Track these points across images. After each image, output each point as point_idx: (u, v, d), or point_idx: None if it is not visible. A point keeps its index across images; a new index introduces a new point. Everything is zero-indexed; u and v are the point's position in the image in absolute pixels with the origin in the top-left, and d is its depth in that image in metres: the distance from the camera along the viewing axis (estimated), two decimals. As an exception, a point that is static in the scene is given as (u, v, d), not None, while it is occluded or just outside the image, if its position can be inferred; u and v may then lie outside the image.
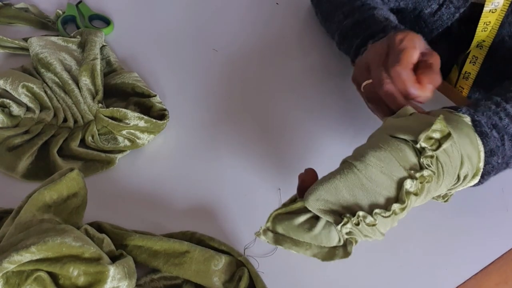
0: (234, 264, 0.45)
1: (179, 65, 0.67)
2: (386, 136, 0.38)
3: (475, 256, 0.49)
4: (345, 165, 0.37)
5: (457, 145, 0.37)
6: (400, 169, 0.36)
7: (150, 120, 0.54)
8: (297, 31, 0.74)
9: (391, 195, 0.35)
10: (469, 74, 0.64)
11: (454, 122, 0.39)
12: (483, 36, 0.58)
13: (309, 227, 0.36)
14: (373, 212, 0.35)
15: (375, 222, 0.35)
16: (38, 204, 0.42)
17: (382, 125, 0.41)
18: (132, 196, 0.52)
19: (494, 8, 0.55)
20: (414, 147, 0.36)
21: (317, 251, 0.37)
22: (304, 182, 0.39)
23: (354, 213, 0.35)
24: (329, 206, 0.36)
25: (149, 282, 0.45)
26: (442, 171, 0.36)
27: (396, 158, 0.36)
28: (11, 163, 0.52)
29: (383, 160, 0.36)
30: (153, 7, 0.77)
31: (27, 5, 0.73)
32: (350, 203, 0.36)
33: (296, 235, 0.37)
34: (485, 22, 0.57)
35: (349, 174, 0.36)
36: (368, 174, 0.36)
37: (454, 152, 0.37)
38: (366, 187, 0.35)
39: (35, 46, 0.61)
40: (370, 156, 0.36)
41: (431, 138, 0.36)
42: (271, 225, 0.38)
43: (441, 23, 0.60)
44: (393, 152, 0.36)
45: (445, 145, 0.36)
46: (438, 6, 0.59)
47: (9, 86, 0.57)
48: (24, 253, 0.37)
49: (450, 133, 0.36)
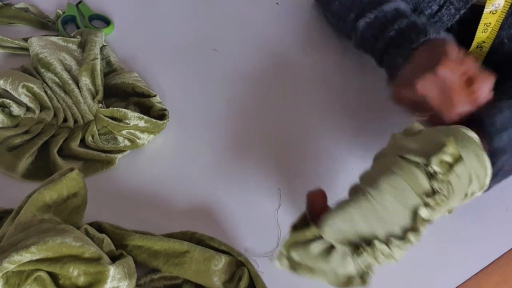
0: (234, 264, 0.45)
1: (179, 65, 0.67)
2: (397, 158, 0.37)
3: (475, 256, 0.49)
4: (359, 191, 0.37)
5: (466, 165, 0.37)
6: (414, 196, 0.35)
7: (150, 120, 0.54)
8: (297, 31, 0.74)
9: (406, 224, 0.36)
10: None
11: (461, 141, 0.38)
12: (483, 37, 0.58)
13: (326, 255, 0.36)
14: (389, 242, 0.35)
15: (391, 252, 0.35)
16: (38, 204, 0.42)
17: (389, 144, 0.41)
18: (132, 196, 0.52)
19: (495, 10, 0.55)
20: (426, 170, 0.36)
21: (334, 279, 0.37)
22: (314, 205, 0.39)
23: (370, 242, 0.35)
24: (346, 236, 0.36)
25: (149, 282, 0.45)
26: (453, 192, 0.36)
27: (410, 184, 0.36)
28: (11, 163, 0.52)
29: (396, 187, 0.36)
30: (153, 7, 0.77)
31: (27, 5, 0.73)
32: (366, 233, 0.36)
33: (311, 263, 0.37)
34: (486, 24, 0.57)
35: (364, 202, 0.36)
36: (383, 202, 0.35)
37: (464, 173, 0.37)
38: (381, 216, 0.35)
39: (35, 46, 0.61)
40: (384, 183, 0.36)
41: (443, 161, 0.36)
42: (286, 252, 0.38)
43: (441, 24, 0.60)
44: (406, 177, 0.36)
45: (457, 169, 0.36)
46: (438, 7, 0.59)
47: (9, 86, 0.57)
48: (24, 253, 0.37)
49: (461, 157, 0.36)
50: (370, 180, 0.37)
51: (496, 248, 0.50)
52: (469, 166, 0.37)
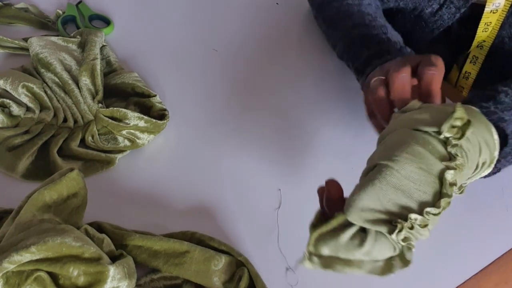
0: (234, 264, 0.45)
1: (179, 65, 0.67)
2: (409, 130, 0.36)
3: (475, 256, 0.49)
4: (380, 167, 0.34)
5: (475, 130, 0.35)
6: (436, 162, 0.34)
7: (150, 120, 0.54)
8: (297, 31, 0.74)
9: (436, 190, 0.34)
10: (469, 74, 0.64)
11: (467, 110, 0.37)
12: (484, 36, 0.58)
13: (358, 242, 0.34)
14: (423, 212, 0.33)
15: (427, 222, 0.33)
16: (38, 204, 0.42)
17: (394, 122, 0.40)
18: (132, 196, 0.52)
19: (495, 9, 0.55)
20: (438, 138, 0.35)
21: (371, 266, 0.35)
22: (331, 194, 0.37)
23: (405, 216, 0.33)
24: (376, 215, 0.33)
25: (149, 282, 0.45)
26: (467, 158, 0.35)
27: (429, 150, 0.34)
28: (11, 163, 0.52)
29: (417, 155, 0.34)
30: (153, 7, 0.77)
31: (27, 5, 0.73)
32: (397, 207, 0.33)
33: (346, 254, 0.34)
34: (486, 23, 0.57)
35: (389, 177, 0.33)
36: (407, 173, 0.33)
37: (474, 139, 0.36)
38: (409, 187, 0.33)
39: (35, 46, 0.61)
40: (404, 153, 0.34)
41: (454, 127, 0.35)
42: (314, 249, 0.35)
43: (441, 22, 0.60)
44: (423, 145, 0.34)
45: (468, 133, 0.34)
46: (438, 6, 0.59)
47: (9, 86, 0.57)
48: (24, 253, 0.37)
49: (470, 121, 0.35)
50: (385, 157, 0.35)
51: (496, 248, 0.50)
52: (478, 131, 0.36)
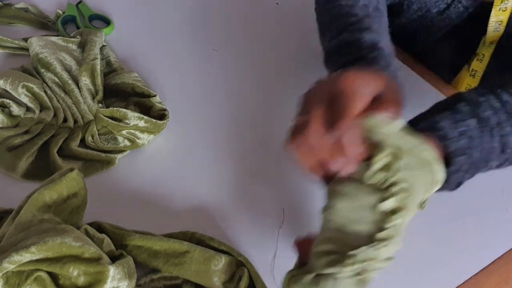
0: (234, 264, 0.45)
1: (179, 65, 0.67)
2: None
3: (475, 256, 0.49)
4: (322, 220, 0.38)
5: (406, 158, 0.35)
6: (367, 196, 0.36)
7: (150, 120, 0.54)
8: (297, 31, 0.74)
9: (375, 223, 0.35)
10: (475, 72, 0.64)
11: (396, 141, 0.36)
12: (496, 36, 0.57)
13: (316, 283, 0.36)
14: (372, 246, 0.34)
15: (378, 253, 0.35)
16: (38, 204, 0.42)
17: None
18: (132, 196, 0.52)
19: (505, 7, 0.55)
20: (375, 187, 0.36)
21: None
22: (301, 254, 0.40)
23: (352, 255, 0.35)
24: (331, 258, 0.35)
25: (149, 282, 0.45)
26: (408, 183, 0.35)
27: (360, 189, 0.36)
28: (11, 163, 0.52)
29: (346, 194, 0.36)
30: (153, 7, 0.77)
31: (27, 5, 0.73)
32: (344, 248, 0.35)
33: None
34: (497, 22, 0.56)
35: (325, 224, 0.37)
36: (339, 213, 0.36)
37: (408, 163, 0.35)
38: (345, 228, 0.36)
39: (35, 46, 0.61)
40: (336, 200, 0.37)
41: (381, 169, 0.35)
42: None
43: (449, 21, 0.60)
44: (354, 188, 0.36)
45: (397, 166, 0.35)
46: (446, 6, 0.59)
47: (9, 86, 0.57)
48: (24, 253, 0.37)
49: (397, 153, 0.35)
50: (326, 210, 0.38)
51: (496, 248, 0.50)
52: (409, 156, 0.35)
